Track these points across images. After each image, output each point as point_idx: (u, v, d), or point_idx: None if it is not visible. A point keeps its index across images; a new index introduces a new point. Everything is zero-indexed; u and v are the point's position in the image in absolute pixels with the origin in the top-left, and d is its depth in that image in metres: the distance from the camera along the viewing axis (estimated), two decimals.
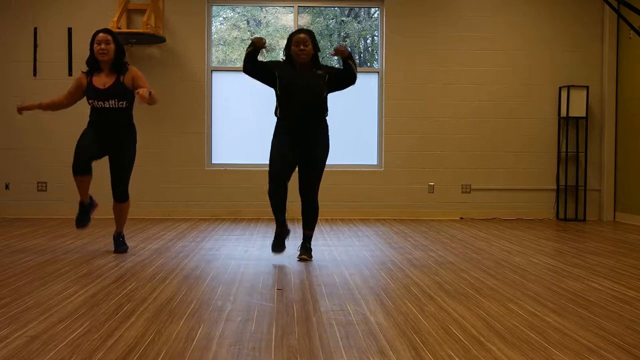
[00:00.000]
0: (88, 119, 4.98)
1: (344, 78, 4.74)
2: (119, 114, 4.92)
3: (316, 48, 4.70)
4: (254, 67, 4.72)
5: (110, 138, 4.92)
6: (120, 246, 5.10)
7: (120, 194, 5.02)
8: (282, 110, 4.73)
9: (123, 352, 2.57)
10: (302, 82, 4.65)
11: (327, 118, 4.83)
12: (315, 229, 4.98)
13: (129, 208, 5.16)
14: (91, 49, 4.92)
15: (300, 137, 4.69)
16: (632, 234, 6.63)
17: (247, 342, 2.73)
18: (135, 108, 5.01)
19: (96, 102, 4.87)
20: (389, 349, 2.65)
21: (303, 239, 4.89)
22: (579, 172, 8.02)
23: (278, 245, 4.79)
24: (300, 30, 4.73)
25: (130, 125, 5.03)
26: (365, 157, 8.09)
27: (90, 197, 5.04)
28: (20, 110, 5.17)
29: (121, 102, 4.90)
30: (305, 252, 4.83)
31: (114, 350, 2.59)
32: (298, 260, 4.75)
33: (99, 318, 3.06)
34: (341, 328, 2.95)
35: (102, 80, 4.90)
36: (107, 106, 4.87)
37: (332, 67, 4.93)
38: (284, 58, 4.78)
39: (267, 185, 4.73)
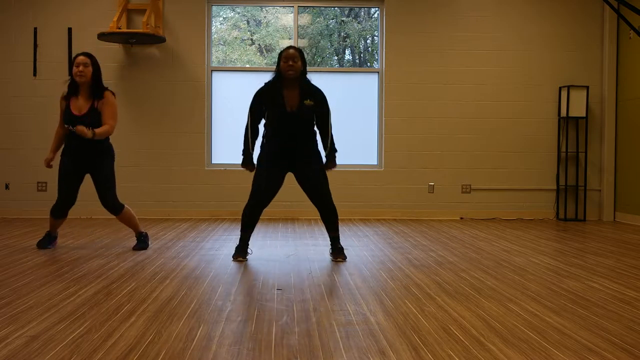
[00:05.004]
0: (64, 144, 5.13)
1: (323, 128, 4.86)
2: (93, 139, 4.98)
3: (305, 66, 4.75)
4: (256, 132, 4.93)
5: (86, 159, 5.02)
6: (139, 244, 5.25)
7: (112, 206, 5.09)
8: (271, 136, 4.82)
9: (123, 352, 2.57)
10: (292, 117, 4.72)
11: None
12: (316, 228, 4.97)
13: (131, 213, 5.22)
14: (70, 71, 5.08)
15: (291, 159, 4.80)
16: (632, 234, 6.63)
17: (247, 342, 2.73)
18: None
19: (71, 127, 4.94)
20: (389, 349, 2.65)
21: (331, 242, 4.93)
22: (579, 172, 8.02)
23: (242, 252, 4.88)
24: (289, 47, 4.79)
25: (104, 145, 5.07)
26: (365, 157, 8.09)
27: (56, 233, 5.32)
28: (48, 162, 5.25)
29: (95, 129, 4.95)
30: (339, 253, 4.87)
31: (114, 350, 2.59)
32: (333, 261, 4.79)
33: (99, 318, 3.06)
34: (341, 328, 2.95)
35: (78, 105, 4.99)
36: None
37: (322, 103, 4.86)
38: (274, 77, 4.79)
39: (248, 201, 4.85)
